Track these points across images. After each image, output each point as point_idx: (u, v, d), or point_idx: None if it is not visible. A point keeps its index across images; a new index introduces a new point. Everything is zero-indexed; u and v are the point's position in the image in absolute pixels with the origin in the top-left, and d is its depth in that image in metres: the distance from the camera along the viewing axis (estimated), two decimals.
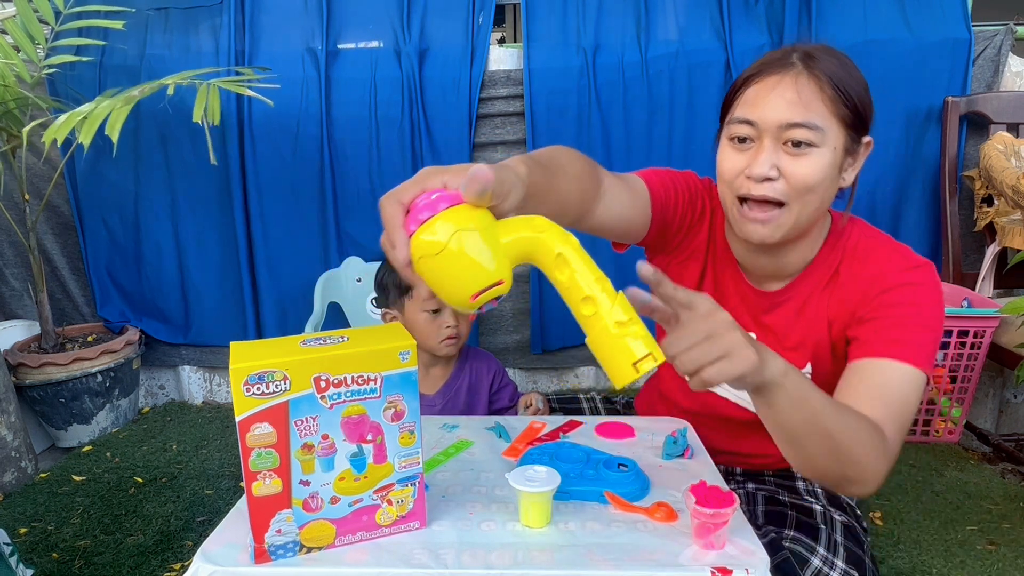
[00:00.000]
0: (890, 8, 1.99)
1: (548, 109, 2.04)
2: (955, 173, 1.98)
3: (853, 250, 0.91)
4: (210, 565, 0.71)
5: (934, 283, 0.86)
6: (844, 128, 0.82)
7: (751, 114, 0.83)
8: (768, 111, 0.81)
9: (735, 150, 0.85)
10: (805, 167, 0.81)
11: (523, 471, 0.79)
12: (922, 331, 0.83)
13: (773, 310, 0.95)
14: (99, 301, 2.23)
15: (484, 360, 1.43)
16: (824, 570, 0.88)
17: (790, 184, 0.81)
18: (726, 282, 0.98)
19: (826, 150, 0.81)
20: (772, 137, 0.81)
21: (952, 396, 1.81)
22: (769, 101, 0.81)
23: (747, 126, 0.83)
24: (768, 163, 0.81)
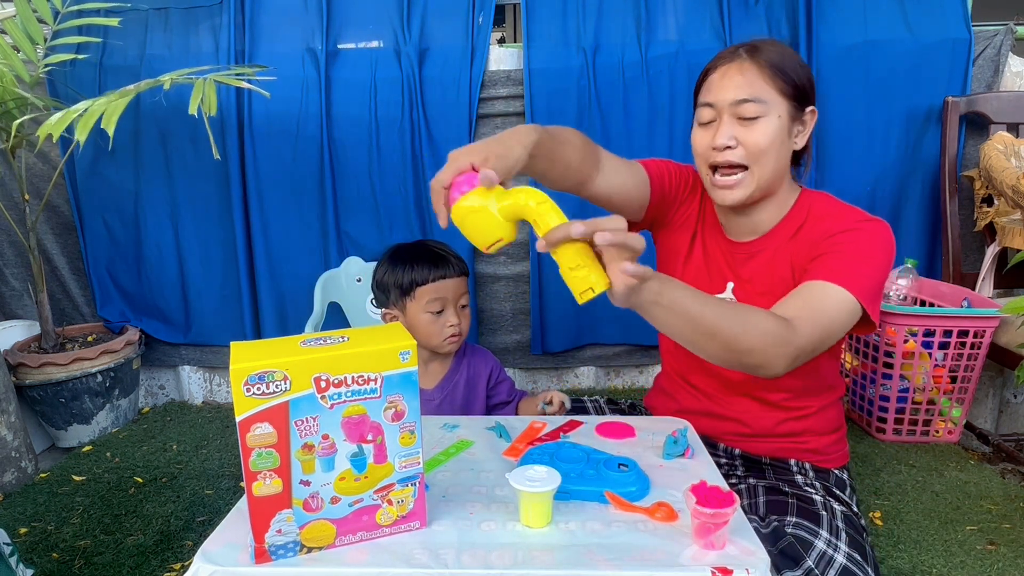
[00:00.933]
0: (890, 8, 1.99)
1: (548, 109, 2.04)
2: (955, 173, 1.98)
3: (817, 211, 1.07)
4: (210, 565, 0.71)
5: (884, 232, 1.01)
6: (786, 99, 1.00)
7: (709, 98, 1.03)
8: (721, 93, 1.01)
9: (702, 129, 1.05)
10: (757, 133, 0.99)
11: (523, 471, 0.79)
12: (860, 262, 0.96)
13: (748, 261, 1.10)
14: (99, 301, 2.23)
15: (481, 356, 1.43)
16: (828, 552, 0.89)
17: (747, 149, 1.00)
18: (712, 243, 1.16)
19: (772, 118, 1.00)
20: (728, 114, 1.00)
21: (952, 396, 1.81)
22: (722, 85, 1.01)
23: (708, 108, 1.03)
24: (727, 134, 1.00)
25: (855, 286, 0.94)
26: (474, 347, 1.46)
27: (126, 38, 2.11)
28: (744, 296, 1.11)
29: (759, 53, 1.00)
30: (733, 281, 1.13)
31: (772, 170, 1.02)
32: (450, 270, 1.30)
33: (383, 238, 2.15)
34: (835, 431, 1.16)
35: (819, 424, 1.14)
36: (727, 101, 1.00)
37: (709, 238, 1.16)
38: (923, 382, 1.79)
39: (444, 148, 2.08)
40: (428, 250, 1.32)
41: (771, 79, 0.99)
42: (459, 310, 1.31)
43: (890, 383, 1.80)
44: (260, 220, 2.14)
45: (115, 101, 1.49)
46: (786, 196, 1.09)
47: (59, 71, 2.08)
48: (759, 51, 1.01)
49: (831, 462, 1.15)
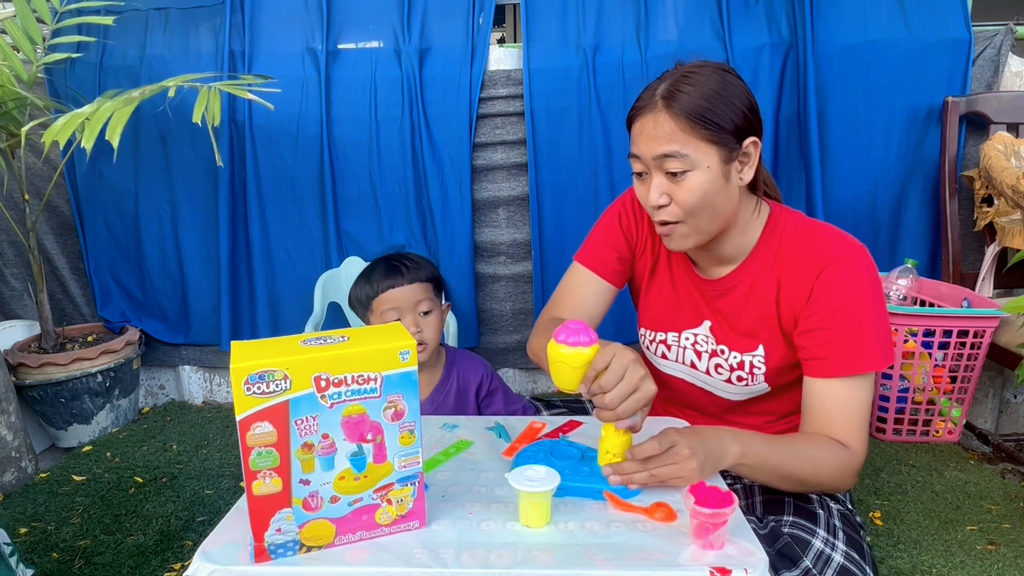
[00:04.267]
0: (890, 8, 1.99)
1: (548, 109, 2.04)
2: (955, 173, 1.98)
3: (791, 237, 1.00)
4: (210, 564, 0.71)
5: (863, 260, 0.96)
6: (712, 145, 0.92)
7: (635, 149, 0.96)
8: (643, 147, 0.94)
9: (639, 183, 0.99)
10: (686, 190, 0.93)
11: (523, 471, 0.79)
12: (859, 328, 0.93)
13: (724, 296, 1.05)
14: (99, 301, 2.23)
15: (472, 364, 1.40)
16: (826, 551, 0.89)
17: (680, 206, 0.94)
18: (680, 276, 1.11)
19: (700, 171, 0.92)
20: (655, 168, 0.94)
21: (952, 396, 1.81)
22: (642, 138, 0.94)
23: (636, 160, 0.96)
24: (657, 193, 0.94)
25: (869, 361, 0.93)
26: (465, 354, 1.43)
27: (126, 38, 2.11)
28: (723, 336, 1.07)
29: (674, 100, 0.91)
30: (710, 319, 1.08)
31: (711, 219, 0.96)
32: (401, 278, 1.29)
33: (383, 238, 2.15)
34: None
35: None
36: (649, 156, 0.93)
37: (676, 270, 1.11)
38: (923, 382, 1.79)
39: (444, 148, 2.08)
40: (384, 261, 1.33)
41: (690, 129, 0.90)
42: (419, 317, 1.29)
43: (890, 383, 1.81)
44: (260, 220, 2.14)
45: (120, 109, 1.49)
46: (748, 225, 1.02)
47: (59, 71, 2.08)
48: (674, 98, 0.91)
49: None
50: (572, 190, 2.09)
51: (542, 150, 2.06)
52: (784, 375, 1.05)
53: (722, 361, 1.07)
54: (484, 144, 2.10)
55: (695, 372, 1.11)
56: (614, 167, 2.07)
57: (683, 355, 1.12)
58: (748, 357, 1.04)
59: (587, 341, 0.85)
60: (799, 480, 0.92)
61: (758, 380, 1.05)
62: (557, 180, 2.08)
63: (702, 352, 1.09)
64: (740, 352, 1.05)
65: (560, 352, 0.86)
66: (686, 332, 1.11)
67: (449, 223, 2.11)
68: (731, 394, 1.10)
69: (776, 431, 1.11)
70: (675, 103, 0.91)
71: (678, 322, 1.11)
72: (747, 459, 0.87)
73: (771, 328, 1.02)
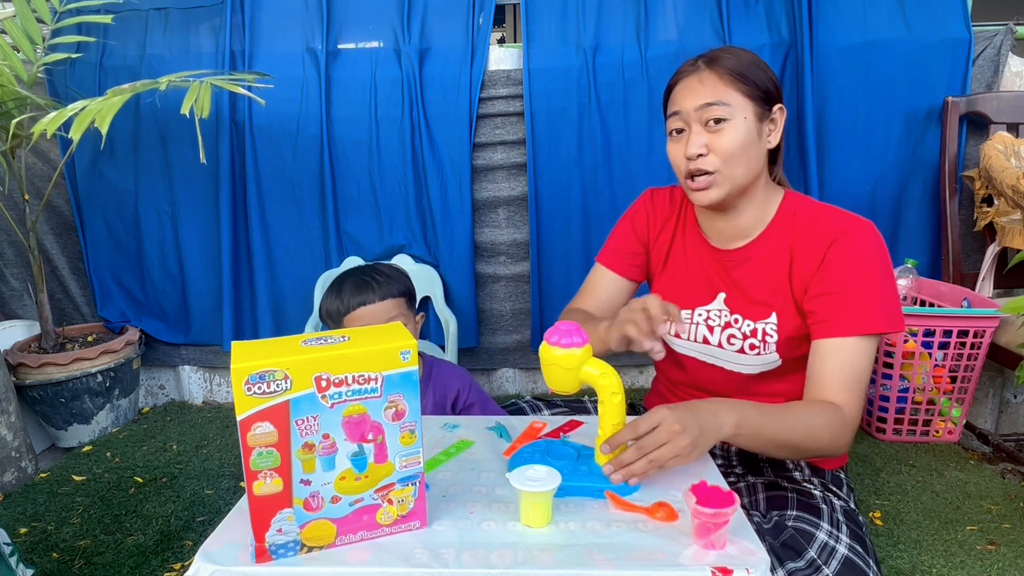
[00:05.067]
0: (890, 8, 1.99)
1: (548, 109, 2.04)
2: (955, 173, 1.99)
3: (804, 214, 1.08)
4: (211, 564, 0.71)
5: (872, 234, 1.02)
6: (750, 100, 1.02)
7: (676, 107, 1.05)
8: (686, 101, 1.03)
9: (675, 142, 1.07)
10: (726, 138, 1.01)
11: (524, 471, 0.79)
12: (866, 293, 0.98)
13: (741, 265, 1.11)
14: (99, 301, 2.23)
15: (449, 375, 1.38)
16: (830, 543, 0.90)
17: (718, 155, 1.02)
18: (694, 253, 1.18)
19: (738, 120, 1.01)
20: (696, 121, 1.03)
21: (952, 396, 1.81)
22: (685, 93, 1.04)
23: (676, 117, 1.05)
24: (697, 143, 1.02)
25: (872, 322, 0.98)
26: (444, 365, 1.41)
27: (126, 38, 2.11)
28: (737, 305, 1.11)
29: (717, 62, 1.03)
30: (724, 291, 1.13)
31: (745, 170, 1.03)
32: (373, 294, 1.25)
33: (383, 238, 2.15)
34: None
35: None
36: (692, 107, 1.02)
37: (691, 249, 1.18)
38: (923, 382, 1.79)
39: (444, 148, 2.08)
40: (354, 276, 1.29)
41: (731, 84, 1.02)
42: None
43: (890, 383, 1.81)
44: (260, 220, 2.14)
45: (109, 100, 1.50)
46: (767, 198, 1.09)
47: (59, 71, 2.08)
48: (717, 60, 1.03)
49: (828, 464, 1.16)
50: (572, 190, 2.09)
51: (542, 150, 2.06)
52: (795, 347, 1.07)
53: (735, 331, 1.10)
54: (484, 144, 2.10)
55: (707, 347, 1.14)
56: (613, 167, 2.07)
57: (695, 332, 1.15)
58: (761, 324, 1.08)
59: (579, 342, 0.86)
60: (794, 447, 0.95)
61: (770, 349, 1.07)
62: (557, 180, 2.08)
63: (714, 327, 1.13)
64: (753, 320, 1.08)
65: (552, 354, 0.86)
66: (699, 309, 1.15)
67: (449, 223, 2.11)
68: (743, 366, 1.11)
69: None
70: (717, 63, 1.03)
71: (691, 300, 1.16)
72: (743, 428, 0.88)
73: (784, 298, 1.06)
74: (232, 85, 1.63)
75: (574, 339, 0.86)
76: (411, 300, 1.33)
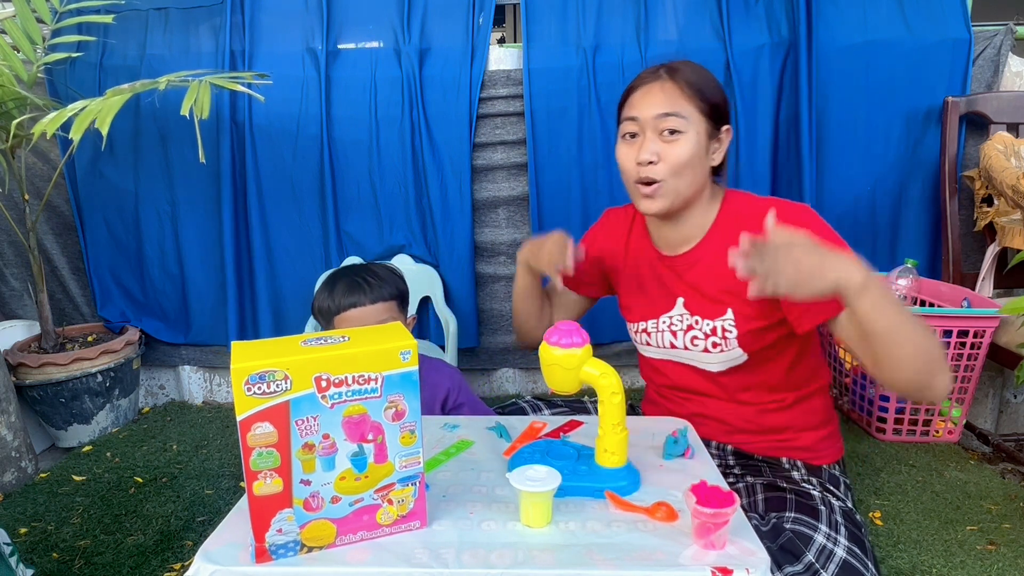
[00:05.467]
0: (890, 8, 1.98)
1: (548, 109, 2.04)
2: (955, 173, 1.98)
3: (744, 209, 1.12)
4: (211, 565, 0.71)
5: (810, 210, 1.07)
6: (704, 117, 1.06)
7: (633, 112, 1.08)
8: (645, 108, 1.06)
9: (626, 145, 1.10)
10: (677, 149, 1.05)
11: (524, 471, 0.79)
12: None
13: (692, 268, 1.15)
14: (99, 301, 2.23)
15: (440, 377, 1.37)
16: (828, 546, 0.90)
17: (668, 165, 1.05)
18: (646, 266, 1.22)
19: (691, 134, 1.05)
20: (652, 128, 1.06)
21: (952, 396, 1.81)
22: (645, 101, 1.07)
23: (632, 122, 1.08)
24: (650, 149, 1.05)
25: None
26: (435, 365, 1.40)
27: (126, 38, 2.11)
28: (696, 306, 1.15)
29: (679, 74, 1.07)
30: (682, 295, 1.17)
31: (689, 183, 1.07)
32: (364, 297, 1.24)
33: (383, 238, 2.15)
34: (822, 426, 1.18)
35: (801, 418, 1.16)
36: (651, 115, 1.05)
37: (643, 259, 1.23)
38: None
39: (444, 148, 2.08)
40: (347, 276, 1.28)
41: (690, 98, 1.05)
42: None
43: None
44: (260, 220, 2.14)
45: (109, 99, 1.50)
46: (709, 204, 1.14)
47: (59, 71, 2.08)
48: (679, 72, 1.07)
49: (822, 458, 1.17)
50: (572, 190, 2.09)
51: (542, 150, 2.06)
52: (757, 340, 1.10)
53: (697, 332, 1.14)
54: (484, 144, 2.10)
55: (675, 351, 1.19)
56: (613, 167, 2.06)
57: (662, 339, 1.20)
58: (719, 322, 1.12)
59: (579, 342, 0.86)
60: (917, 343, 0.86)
61: (732, 344, 1.11)
62: (557, 180, 2.08)
63: (677, 331, 1.17)
64: (711, 319, 1.12)
65: (553, 354, 0.86)
66: (663, 316, 1.19)
67: (449, 223, 2.11)
68: (712, 364, 1.15)
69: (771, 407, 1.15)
70: (679, 75, 1.07)
71: (654, 309, 1.21)
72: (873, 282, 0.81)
73: (737, 294, 1.08)
74: (232, 84, 1.63)
75: (574, 339, 0.86)
76: (403, 302, 1.32)
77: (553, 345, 0.87)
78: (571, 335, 0.87)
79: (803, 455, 1.16)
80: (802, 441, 1.16)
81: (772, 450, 1.17)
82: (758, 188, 2.04)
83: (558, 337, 0.87)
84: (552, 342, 0.87)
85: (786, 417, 1.16)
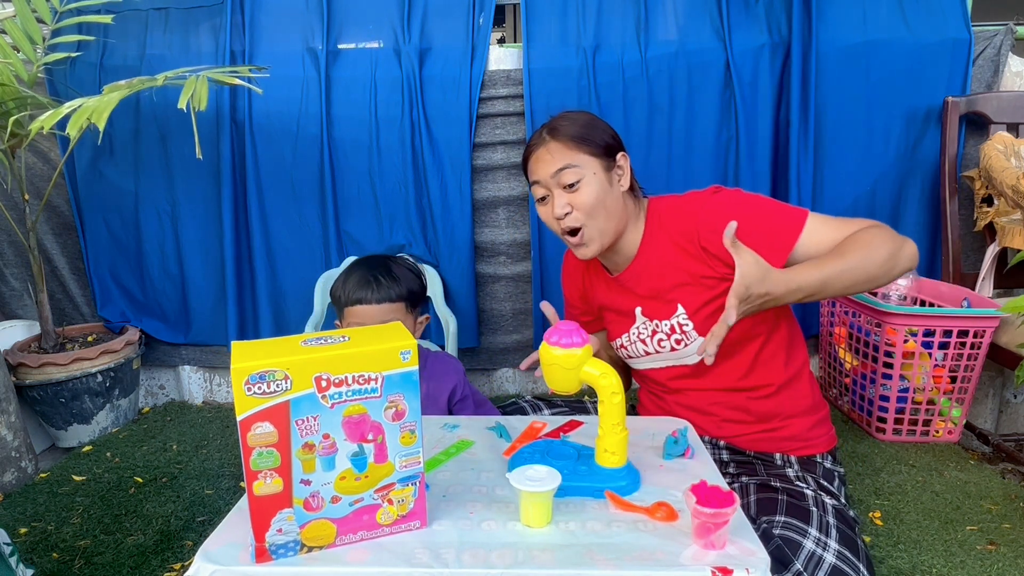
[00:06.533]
0: (890, 8, 1.99)
1: (548, 109, 2.04)
2: (955, 173, 1.99)
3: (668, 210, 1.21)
4: (211, 564, 0.71)
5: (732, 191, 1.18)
6: (594, 157, 1.14)
7: (535, 176, 1.18)
8: (541, 171, 1.16)
9: (543, 206, 1.19)
10: (583, 194, 1.14)
11: (524, 471, 0.79)
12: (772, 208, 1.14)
13: (638, 279, 1.23)
14: (99, 301, 2.23)
15: (444, 367, 1.38)
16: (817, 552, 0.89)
17: (581, 210, 1.14)
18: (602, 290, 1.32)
19: (590, 177, 1.14)
20: (555, 186, 1.15)
21: (952, 396, 1.81)
22: (539, 165, 1.16)
23: (537, 186, 1.18)
24: (561, 204, 1.14)
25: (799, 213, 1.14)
26: (440, 358, 1.41)
27: (126, 38, 2.11)
28: (653, 311, 1.22)
29: (558, 131, 1.16)
30: (640, 304, 1.24)
31: (607, 217, 1.16)
32: (371, 295, 1.25)
33: (383, 238, 2.15)
34: (811, 411, 1.19)
35: (790, 403, 1.17)
36: (547, 175, 1.14)
37: (601, 286, 1.32)
38: (923, 382, 1.79)
39: (444, 148, 2.08)
40: (364, 269, 1.29)
41: (575, 147, 1.14)
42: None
43: (890, 383, 1.81)
44: (260, 220, 2.14)
45: (106, 96, 1.50)
46: (637, 221, 1.22)
47: (59, 71, 2.08)
48: (558, 130, 1.16)
49: (815, 447, 1.17)
50: None
51: None
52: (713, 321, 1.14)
53: (661, 334, 1.22)
54: (484, 144, 2.10)
55: (650, 357, 1.26)
56: None
57: (636, 348, 1.27)
58: (673, 320, 1.19)
59: (579, 342, 0.86)
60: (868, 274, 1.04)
61: (692, 337, 1.18)
62: None
63: (645, 338, 1.25)
64: (667, 319, 1.20)
65: (552, 354, 0.86)
66: (632, 328, 1.27)
67: (449, 223, 2.11)
68: (685, 358, 1.21)
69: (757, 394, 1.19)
70: (559, 132, 1.16)
71: (622, 325, 1.28)
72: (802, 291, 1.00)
73: (686, 286, 1.17)
74: (229, 78, 1.63)
75: (574, 339, 0.86)
76: (412, 302, 1.32)
77: (553, 345, 0.87)
78: (571, 335, 0.87)
79: (795, 445, 1.17)
80: (792, 429, 1.17)
81: (764, 442, 1.18)
82: (758, 188, 2.04)
83: (558, 337, 0.87)
84: (552, 342, 0.87)
85: (773, 403, 1.18)
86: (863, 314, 1.84)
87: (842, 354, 1.99)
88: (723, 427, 1.21)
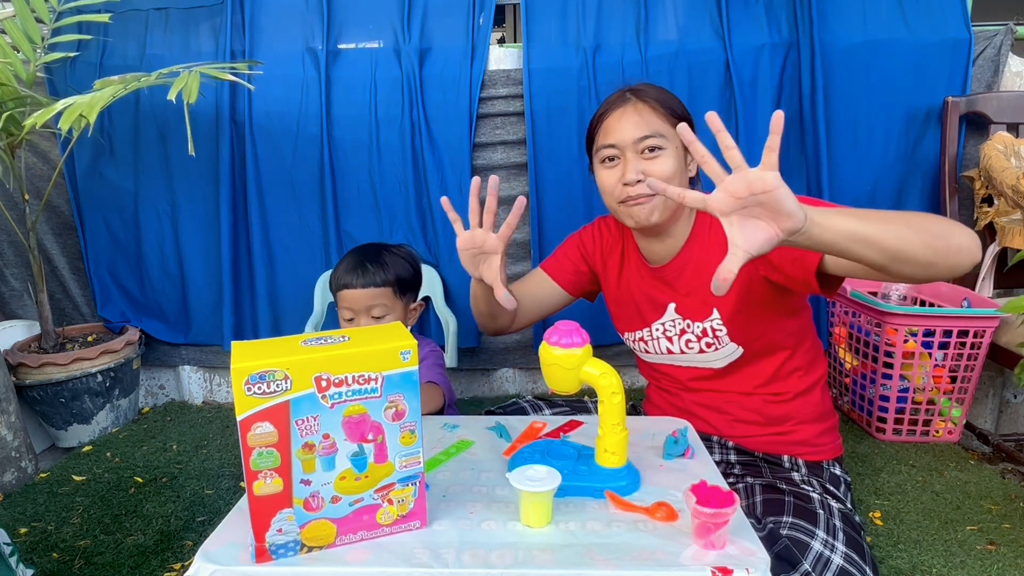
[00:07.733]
0: (890, 8, 1.98)
1: (548, 109, 2.04)
2: (955, 173, 1.99)
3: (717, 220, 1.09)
4: (211, 564, 0.71)
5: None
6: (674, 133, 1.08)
7: (611, 139, 1.12)
8: (623, 133, 1.10)
9: (607, 169, 1.14)
10: (659, 165, 1.08)
11: (523, 471, 0.79)
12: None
13: (680, 274, 1.18)
14: (99, 301, 2.23)
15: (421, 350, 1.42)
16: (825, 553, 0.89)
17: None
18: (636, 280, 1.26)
19: (671, 150, 1.09)
20: (631, 151, 1.09)
21: (952, 396, 1.81)
22: (621, 125, 1.10)
23: (611, 148, 1.12)
24: (634, 170, 1.08)
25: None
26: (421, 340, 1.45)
27: (126, 37, 2.11)
28: (687, 311, 1.19)
29: (644, 94, 1.12)
30: (674, 301, 1.20)
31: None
32: (358, 280, 1.30)
33: (383, 238, 2.15)
34: (821, 419, 1.19)
35: (802, 409, 1.17)
36: (630, 140, 1.09)
37: (635, 273, 1.26)
38: (923, 382, 1.79)
39: (444, 148, 2.08)
40: (356, 255, 1.34)
41: (663, 116, 1.10)
42: (371, 320, 1.32)
43: (890, 383, 1.81)
44: (260, 220, 2.14)
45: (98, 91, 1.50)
46: (690, 214, 1.19)
47: (59, 70, 2.08)
48: (645, 92, 1.12)
49: (822, 454, 1.17)
50: (572, 190, 2.09)
51: (542, 150, 2.06)
52: (748, 330, 1.13)
53: (690, 335, 1.19)
54: (484, 144, 2.10)
55: (672, 355, 1.23)
56: None
57: (658, 345, 1.24)
58: (707, 323, 1.16)
59: (579, 342, 0.86)
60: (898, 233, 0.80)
61: (724, 342, 1.15)
62: (557, 180, 2.08)
63: (672, 336, 1.21)
64: (700, 321, 1.17)
65: (552, 354, 0.86)
66: (655, 324, 1.23)
67: (449, 223, 2.11)
68: (710, 362, 1.19)
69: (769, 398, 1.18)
70: (646, 96, 1.11)
71: (647, 318, 1.24)
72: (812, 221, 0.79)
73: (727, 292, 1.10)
74: (221, 73, 1.63)
75: (574, 339, 0.86)
76: (401, 288, 1.35)
77: (553, 345, 0.87)
78: (571, 335, 0.87)
79: (803, 450, 1.17)
80: (802, 434, 1.17)
81: (773, 445, 1.18)
82: None
83: (558, 337, 0.87)
84: (552, 342, 0.87)
85: (787, 408, 1.19)
86: (863, 314, 1.84)
87: (842, 354, 1.99)
88: (735, 427, 1.21)
